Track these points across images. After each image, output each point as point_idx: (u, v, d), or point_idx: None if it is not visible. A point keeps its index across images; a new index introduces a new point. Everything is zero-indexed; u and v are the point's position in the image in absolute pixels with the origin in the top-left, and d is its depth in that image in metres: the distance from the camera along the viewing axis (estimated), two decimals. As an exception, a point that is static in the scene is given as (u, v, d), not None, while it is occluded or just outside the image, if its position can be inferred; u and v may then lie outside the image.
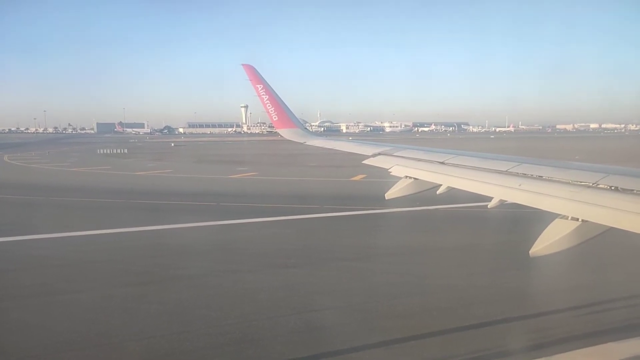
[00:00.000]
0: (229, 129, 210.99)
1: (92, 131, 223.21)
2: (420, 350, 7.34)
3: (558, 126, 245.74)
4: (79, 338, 7.78)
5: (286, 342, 7.57)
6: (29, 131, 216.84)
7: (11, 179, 32.81)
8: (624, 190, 3.60)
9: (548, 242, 3.75)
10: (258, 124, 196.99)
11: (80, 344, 7.58)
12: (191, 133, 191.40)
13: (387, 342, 7.53)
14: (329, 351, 7.33)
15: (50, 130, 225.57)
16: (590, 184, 3.87)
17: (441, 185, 5.32)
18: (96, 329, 8.14)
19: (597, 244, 3.74)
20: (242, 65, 10.39)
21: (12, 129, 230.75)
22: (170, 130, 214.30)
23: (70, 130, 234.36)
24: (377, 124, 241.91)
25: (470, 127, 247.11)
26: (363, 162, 7.33)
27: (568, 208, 3.75)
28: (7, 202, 22.94)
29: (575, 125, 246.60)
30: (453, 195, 5.39)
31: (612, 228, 3.42)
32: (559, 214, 3.79)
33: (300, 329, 8.09)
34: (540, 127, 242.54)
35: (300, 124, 10.84)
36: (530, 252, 3.84)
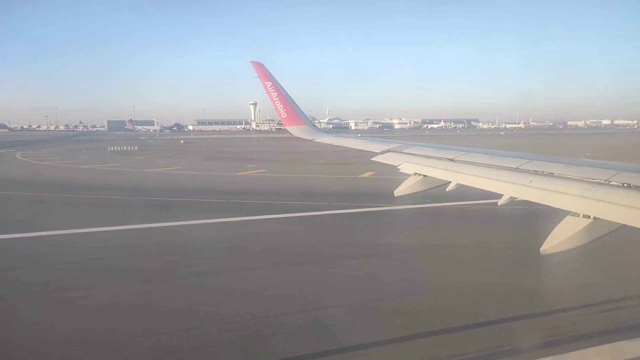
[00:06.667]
0: (238, 126, 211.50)
1: (103, 129, 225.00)
2: (430, 347, 7.31)
3: (569, 123, 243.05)
4: (89, 335, 7.87)
5: (295, 340, 7.59)
6: (40, 129, 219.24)
7: (24, 176, 33.21)
8: (637, 188, 3.55)
9: (559, 239, 3.71)
10: (267, 121, 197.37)
11: (90, 340, 7.66)
12: (200, 130, 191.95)
13: (396, 340, 7.51)
14: (337, 348, 7.34)
15: (62, 127, 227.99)
16: (602, 181, 3.82)
17: (450, 182, 5.30)
18: (105, 326, 8.23)
19: (609, 241, 3.70)
20: (251, 62, 10.41)
21: (24, 126, 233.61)
22: (179, 127, 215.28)
23: (81, 128, 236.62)
24: (386, 120, 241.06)
25: (480, 123, 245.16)
26: (372, 159, 7.30)
27: (579, 205, 3.70)
28: (21, 199, 23.22)
29: (587, 122, 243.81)
30: (462, 192, 5.36)
31: (624, 226, 3.38)
32: (570, 212, 3.75)
33: (310, 326, 8.10)
34: (551, 124, 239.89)
35: (308, 121, 10.83)
36: (540, 249, 3.81)
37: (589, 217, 3.58)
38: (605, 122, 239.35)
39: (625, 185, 3.66)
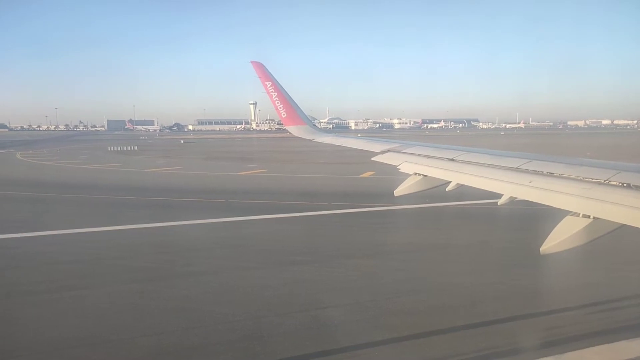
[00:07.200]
0: (238, 126, 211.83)
1: (103, 128, 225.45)
2: (429, 347, 7.31)
3: (569, 122, 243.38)
4: (89, 334, 7.88)
5: (294, 339, 7.59)
6: (40, 129, 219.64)
7: (24, 176, 33.22)
8: (637, 187, 3.54)
9: (559, 239, 3.71)
10: (267, 121, 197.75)
11: (90, 339, 7.67)
12: (200, 130, 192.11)
13: (396, 340, 7.51)
14: (335, 348, 7.34)
15: (62, 127, 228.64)
16: (602, 181, 3.82)
17: (450, 182, 5.29)
18: (107, 325, 8.23)
19: (609, 241, 3.70)
20: (251, 62, 10.41)
21: (24, 126, 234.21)
22: (179, 127, 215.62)
23: (81, 128, 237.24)
24: (386, 120, 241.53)
25: (480, 123, 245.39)
26: (372, 159, 7.31)
27: (579, 205, 3.70)
28: (21, 198, 23.22)
29: (587, 122, 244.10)
30: (462, 192, 5.36)
31: (623, 225, 3.38)
32: (570, 211, 3.75)
33: (308, 325, 8.10)
34: (552, 124, 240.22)
35: (308, 121, 10.83)
36: (540, 249, 3.81)
37: (589, 217, 3.58)
38: (605, 122, 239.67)
39: (625, 185, 3.65)
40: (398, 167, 6.32)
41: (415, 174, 5.87)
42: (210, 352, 7.23)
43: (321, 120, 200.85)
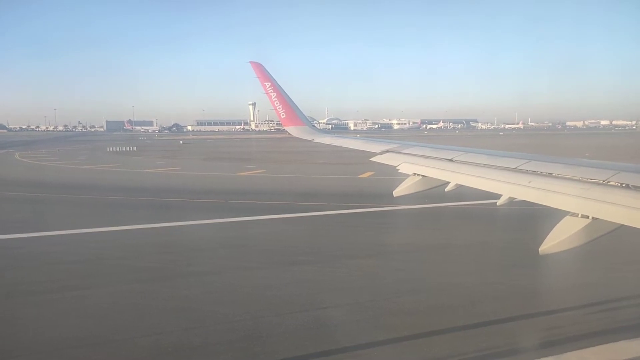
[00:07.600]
0: (237, 127, 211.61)
1: (102, 129, 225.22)
2: (429, 347, 7.32)
3: (568, 123, 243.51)
4: (90, 334, 7.88)
5: (294, 339, 7.60)
6: (39, 129, 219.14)
7: (22, 177, 33.19)
8: (635, 188, 3.56)
9: (558, 239, 3.72)
10: (266, 122, 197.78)
11: (91, 339, 7.67)
12: (199, 131, 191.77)
13: (396, 340, 7.52)
14: (335, 348, 7.35)
15: (61, 128, 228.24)
16: (601, 182, 3.83)
17: (449, 182, 5.31)
18: (107, 325, 8.23)
19: (608, 241, 3.71)
20: (250, 62, 10.42)
21: (23, 127, 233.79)
22: (178, 128, 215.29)
23: (80, 128, 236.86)
24: (385, 121, 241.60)
25: (479, 124, 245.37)
26: (371, 159, 7.32)
27: (578, 205, 3.72)
28: (20, 199, 23.20)
29: (586, 122, 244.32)
30: (461, 192, 5.38)
31: (622, 226, 3.39)
32: (569, 212, 3.77)
33: (309, 325, 8.11)
34: (550, 124, 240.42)
35: (308, 122, 10.84)
36: (539, 249, 3.82)
37: (588, 217, 3.59)
38: (603, 122, 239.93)
39: (623, 185, 3.67)
40: (397, 168, 6.33)
41: (414, 174, 5.88)
42: (210, 352, 7.23)
43: (320, 121, 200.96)
